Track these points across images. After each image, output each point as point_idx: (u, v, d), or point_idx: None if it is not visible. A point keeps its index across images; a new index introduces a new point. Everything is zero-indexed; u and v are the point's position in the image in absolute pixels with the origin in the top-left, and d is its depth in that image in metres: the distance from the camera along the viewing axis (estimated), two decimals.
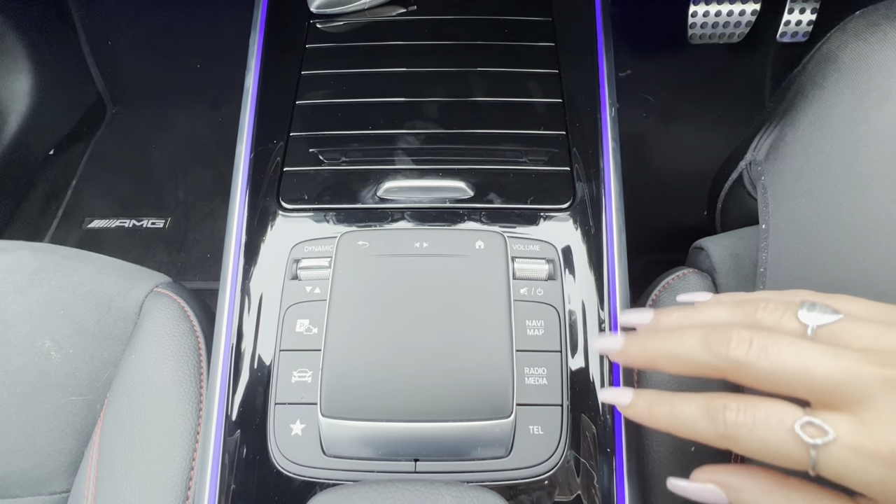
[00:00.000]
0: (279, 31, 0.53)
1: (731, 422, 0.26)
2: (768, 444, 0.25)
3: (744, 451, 0.26)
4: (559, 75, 0.49)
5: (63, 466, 0.45)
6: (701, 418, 0.27)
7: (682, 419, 0.27)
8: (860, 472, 0.23)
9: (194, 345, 0.46)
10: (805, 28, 0.84)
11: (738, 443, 0.26)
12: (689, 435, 0.28)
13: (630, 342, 0.30)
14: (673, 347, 0.28)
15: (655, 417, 0.29)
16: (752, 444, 0.25)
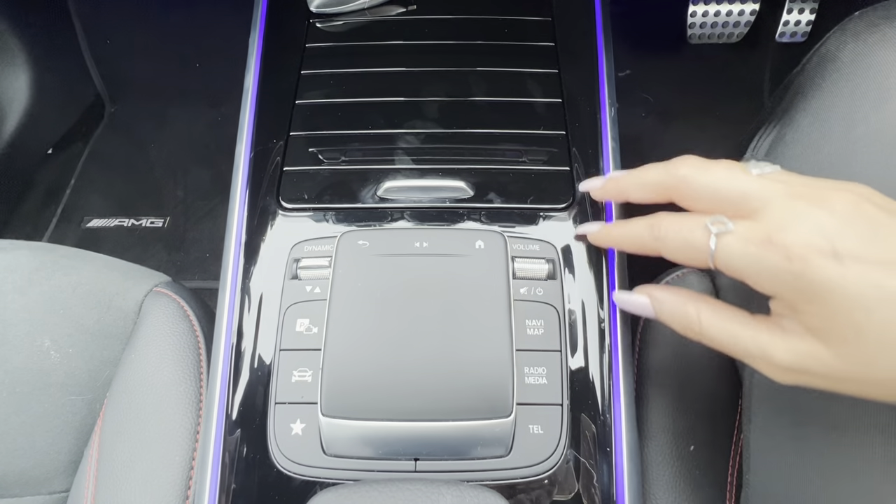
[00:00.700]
0: (279, 31, 0.53)
1: (664, 228, 0.32)
2: (686, 240, 0.30)
3: (669, 251, 0.32)
4: (559, 75, 0.49)
5: (62, 466, 0.45)
6: (643, 230, 0.33)
7: (630, 232, 0.34)
8: (747, 260, 0.28)
9: (194, 344, 0.46)
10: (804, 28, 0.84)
11: (665, 243, 0.32)
12: (635, 244, 0.34)
13: (607, 188, 0.38)
14: (638, 176, 0.35)
15: (612, 236, 0.37)
16: (675, 242, 0.31)
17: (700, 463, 0.40)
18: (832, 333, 0.26)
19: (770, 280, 0.28)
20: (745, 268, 0.29)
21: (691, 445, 0.41)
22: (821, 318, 0.27)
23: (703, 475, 0.40)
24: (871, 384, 0.27)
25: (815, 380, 0.28)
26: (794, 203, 0.28)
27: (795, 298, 0.27)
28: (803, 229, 0.27)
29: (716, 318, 0.31)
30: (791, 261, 0.27)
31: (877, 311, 0.25)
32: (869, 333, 0.25)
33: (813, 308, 0.27)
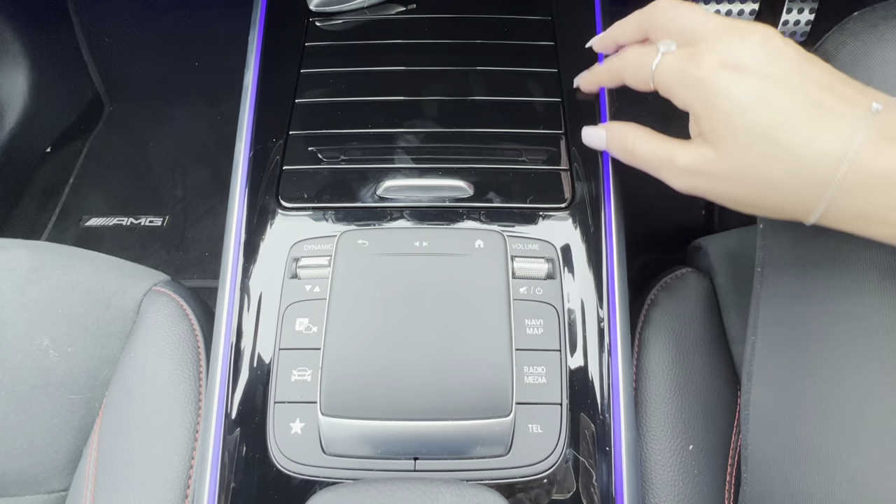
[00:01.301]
0: (278, 30, 0.53)
1: (627, 53, 0.38)
2: (639, 60, 0.36)
3: (627, 71, 0.38)
4: (559, 74, 0.49)
5: (61, 465, 0.45)
6: (614, 61, 0.40)
7: (606, 67, 0.41)
8: (674, 73, 0.34)
9: (193, 343, 0.46)
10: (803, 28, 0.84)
11: (625, 65, 0.38)
12: (610, 75, 0.41)
13: (603, 37, 0.43)
14: (623, 20, 0.41)
15: (595, 73, 0.44)
16: (631, 61, 0.37)
17: (699, 462, 0.41)
18: (715, 132, 0.32)
19: (685, 90, 0.34)
20: (672, 81, 0.34)
21: (690, 444, 0.41)
22: (710, 120, 0.32)
23: (702, 474, 0.40)
24: (741, 179, 0.32)
25: (704, 180, 0.34)
26: (723, 33, 0.33)
27: (698, 105, 0.33)
28: (719, 48, 0.32)
29: (644, 140, 0.38)
30: (700, 68, 0.32)
31: (750, 111, 0.31)
32: (741, 129, 0.31)
33: (707, 112, 0.32)
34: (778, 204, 0.33)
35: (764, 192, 0.32)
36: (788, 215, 0.33)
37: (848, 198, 0.30)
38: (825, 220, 0.32)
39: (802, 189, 0.31)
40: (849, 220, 0.31)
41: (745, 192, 0.33)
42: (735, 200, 0.34)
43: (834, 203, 0.30)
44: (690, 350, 0.44)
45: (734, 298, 0.47)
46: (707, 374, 0.44)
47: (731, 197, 0.34)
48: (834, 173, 0.29)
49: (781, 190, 0.31)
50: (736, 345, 0.46)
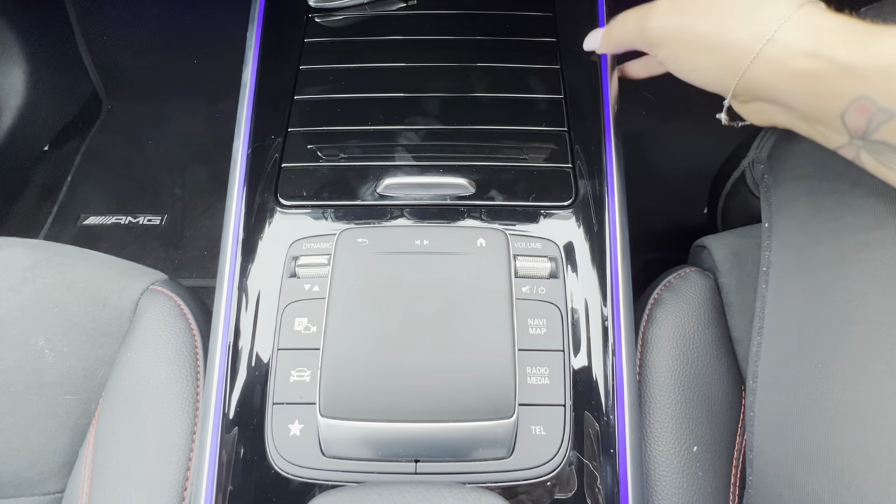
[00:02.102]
0: (277, 26, 0.52)
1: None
2: (625, 20, 0.41)
3: (617, 31, 0.42)
4: (560, 71, 0.48)
5: (57, 466, 0.45)
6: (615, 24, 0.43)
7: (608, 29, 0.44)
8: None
9: (191, 343, 0.45)
10: None
11: (622, 36, 0.42)
12: (616, 36, 0.43)
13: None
14: None
15: (604, 35, 0.45)
16: (624, 22, 0.41)
17: (703, 463, 0.40)
18: None
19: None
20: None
21: (694, 446, 0.40)
22: None
23: (706, 476, 0.40)
24: (697, 14, 0.36)
25: (672, 16, 0.37)
26: None
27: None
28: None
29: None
30: None
31: None
32: None
33: None
34: (707, 63, 0.36)
35: (702, 42, 0.35)
36: (716, 83, 0.37)
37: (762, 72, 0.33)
38: (739, 92, 0.35)
39: (728, 54, 0.34)
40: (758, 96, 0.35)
41: (700, 32, 0.35)
42: (691, 42, 0.36)
43: (748, 74, 0.34)
44: (694, 350, 0.44)
45: (738, 298, 0.46)
46: (711, 375, 0.43)
47: (690, 38, 0.36)
48: (753, 48, 0.33)
49: (717, 51, 0.35)
50: (740, 345, 0.45)
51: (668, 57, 0.38)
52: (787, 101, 0.34)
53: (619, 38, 0.42)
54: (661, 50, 0.38)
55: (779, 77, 0.33)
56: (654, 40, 0.38)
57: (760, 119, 0.38)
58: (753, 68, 0.33)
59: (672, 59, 0.38)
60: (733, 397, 0.44)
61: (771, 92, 0.34)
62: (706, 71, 0.36)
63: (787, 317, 0.39)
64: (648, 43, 0.39)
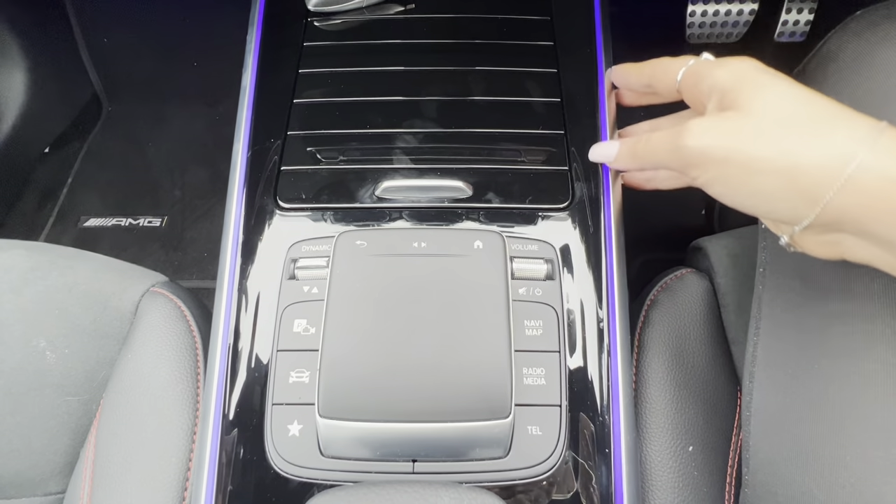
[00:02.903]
0: (276, 30, 0.52)
1: (654, 66, 0.40)
2: (665, 66, 0.39)
3: (657, 80, 0.40)
4: (558, 74, 0.49)
5: (58, 467, 0.45)
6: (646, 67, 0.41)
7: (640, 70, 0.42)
8: (714, 66, 0.35)
9: (191, 344, 0.46)
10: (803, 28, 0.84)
11: (654, 73, 0.40)
12: (638, 76, 0.43)
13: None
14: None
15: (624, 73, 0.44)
16: (658, 69, 0.39)
17: (699, 463, 0.40)
18: (743, 93, 0.33)
19: (718, 72, 0.34)
20: (704, 70, 0.36)
21: (690, 446, 0.40)
22: (742, 88, 0.33)
23: (702, 475, 0.40)
24: (760, 136, 0.31)
25: (720, 136, 0.32)
26: None
27: (729, 80, 0.34)
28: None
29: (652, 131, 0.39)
30: (739, 59, 0.34)
31: (786, 94, 0.32)
32: (772, 97, 0.32)
33: (740, 84, 0.33)
34: (775, 190, 0.31)
35: (771, 166, 0.31)
36: (783, 211, 0.32)
37: (846, 201, 0.29)
38: (813, 227, 0.31)
39: (803, 182, 0.30)
40: (841, 228, 0.31)
41: (759, 155, 0.31)
42: (746, 164, 0.31)
43: (833, 204, 0.29)
44: (691, 351, 0.44)
45: (734, 299, 0.46)
46: (707, 375, 0.44)
47: (745, 159, 0.31)
48: (838, 175, 0.29)
49: (785, 176, 0.30)
50: (736, 345, 0.46)
51: (712, 180, 0.33)
52: (885, 234, 0.29)
53: (644, 156, 0.37)
54: (704, 172, 0.33)
55: (876, 209, 0.28)
56: (693, 161, 0.33)
57: (833, 252, 0.33)
58: (841, 198, 0.29)
59: (718, 184, 0.33)
60: (729, 397, 0.44)
61: (861, 225, 0.29)
62: (769, 198, 0.31)
63: (783, 317, 0.40)
64: (685, 164, 0.34)
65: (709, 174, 0.33)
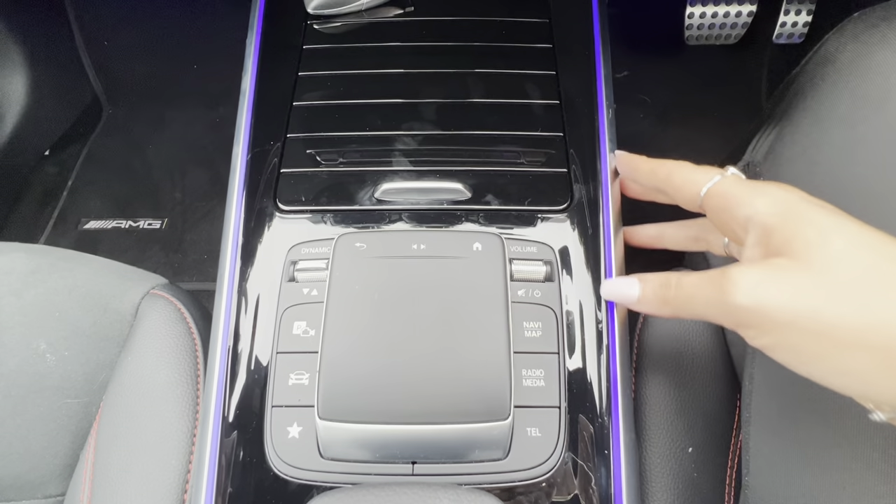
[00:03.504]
0: (276, 32, 0.53)
1: (672, 171, 0.36)
2: (686, 176, 0.35)
3: (674, 189, 0.36)
4: (556, 77, 0.49)
5: (58, 469, 0.45)
6: (661, 168, 0.38)
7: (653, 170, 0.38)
8: (746, 189, 0.31)
9: (191, 347, 0.46)
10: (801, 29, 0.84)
11: (671, 180, 0.36)
12: (649, 174, 0.39)
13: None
14: None
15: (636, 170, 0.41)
16: (677, 176, 0.35)
17: (698, 464, 0.40)
18: (797, 239, 0.28)
19: (753, 199, 0.31)
20: (735, 192, 0.32)
21: (689, 447, 0.40)
22: (793, 229, 0.28)
23: (702, 477, 0.40)
24: (828, 290, 0.26)
25: (777, 292, 0.27)
26: None
27: (772, 216, 0.29)
28: None
29: (685, 275, 0.33)
30: (778, 186, 0.30)
31: (849, 233, 0.27)
32: (837, 243, 0.27)
33: (788, 223, 0.29)
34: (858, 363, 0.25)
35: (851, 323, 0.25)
36: (884, 393, 0.26)
37: None
38: None
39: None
40: None
41: (842, 324, 0.25)
42: (824, 334, 0.26)
43: None
44: (689, 352, 0.44)
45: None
46: (706, 376, 0.44)
47: (821, 328, 0.26)
48: None
49: (883, 353, 0.24)
50: (735, 347, 0.46)
51: (775, 346, 0.27)
52: None
53: (679, 305, 0.32)
54: (762, 335, 0.27)
55: None
56: (747, 321, 0.28)
57: None
58: None
59: (785, 351, 0.27)
60: (728, 398, 0.44)
61: None
62: (862, 378, 0.26)
63: None
64: (736, 323, 0.29)
65: (770, 339, 0.27)
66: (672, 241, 0.42)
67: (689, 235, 0.42)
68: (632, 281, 0.35)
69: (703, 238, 0.42)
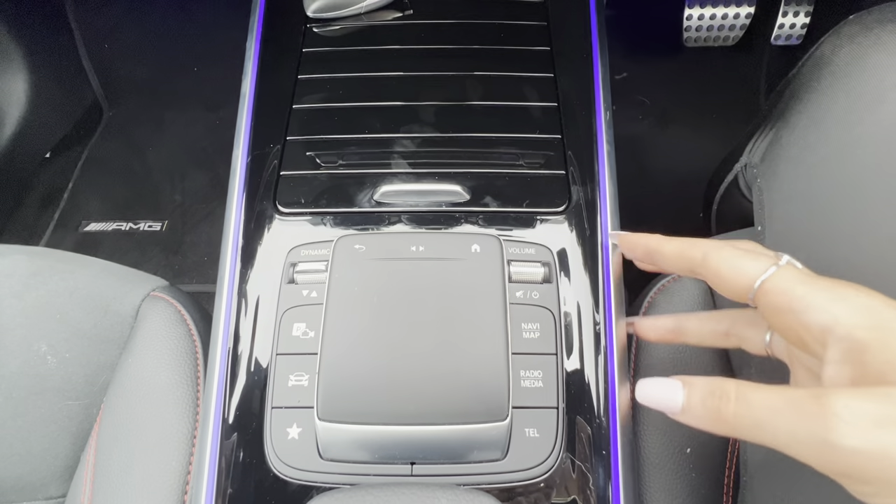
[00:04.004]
0: (276, 36, 0.53)
1: (709, 257, 0.31)
2: (737, 260, 0.29)
3: (708, 271, 0.30)
4: (554, 79, 0.49)
5: (59, 471, 0.45)
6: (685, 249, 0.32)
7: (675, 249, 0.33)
8: (813, 290, 0.26)
9: (191, 348, 0.46)
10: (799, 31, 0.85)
11: (706, 267, 0.31)
12: (670, 257, 0.34)
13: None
14: None
15: (659, 249, 0.34)
16: (714, 261, 0.30)
17: (696, 465, 0.40)
18: None
19: (830, 304, 0.25)
20: (799, 291, 0.26)
21: (687, 448, 0.41)
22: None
23: (700, 477, 0.40)
24: None
25: None
26: None
27: (862, 325, 0.24)
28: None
29: (754, 390, 0.26)
30: (854, 288, 0.26)
31: None
32: None
33: (883, 335, 0.24)
34: None
35: None
36: None
37: None
38: None
39: None
40: None
41: None
42: None
43: None
44: (688, 353, 0.44)
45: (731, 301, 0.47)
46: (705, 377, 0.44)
47: None
48: None
49: None
50: None
51: None
52: None
53: (741, 426, 0.25)
54: (881, 495, 0.22)
55: None
56: (863, 473, 0.22)
57: None
58: None
59: None
60: None
61: None
62: None
63: None
64: (843, 472, 0.23)
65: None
66: (695, 336, 0.36)
67: (717, 331, 0.35)
68: (674, 385, 0.28)
69: (736, 334, 0.34)
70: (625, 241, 0.37)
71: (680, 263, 0.32)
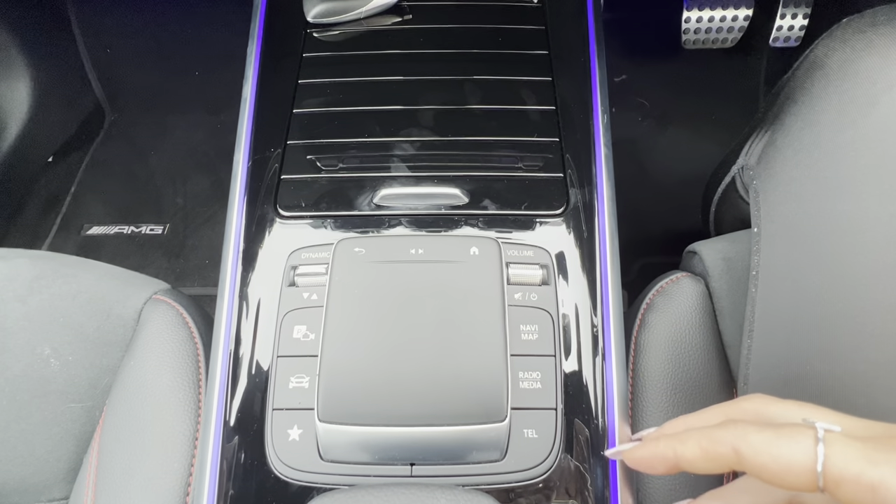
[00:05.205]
0: (276, 41, 0.53)
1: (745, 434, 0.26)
2: (774, 442, 0.25)
3: (767, 475, 0.25)
4: (552, 83, 0.49)
5: (62, 473, 0.46)
6: (717, 439, 0.27)
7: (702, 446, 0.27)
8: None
9: (193, 351, 0.46)
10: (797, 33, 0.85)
11: (747, 466, 0.25)
12: (696, 458, 0.27)
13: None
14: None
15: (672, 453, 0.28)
16: (762, 460, 0.25)
17: None
18: None
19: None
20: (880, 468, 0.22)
21: None
22: None
23: (698, 478, 0.41)
24: None
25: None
26: None
27: None
28: None
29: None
30: None
31: None
32: None
33: None
34: None
35: None
36: None
37: None
38: None
39: None
40: None
41: None
42: None
43: None
44: (686, 354, 0.45)
45: (729, 303, 0.47)
46: (702, 378, 0.44)
47: None
48: None
49: None
50: (731, 349, 0.46)
51: None
52: None
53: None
54: None
55: None
56: None
57: None
58: None
59: None
60: (724, 400, 0.44)
61: None
62: None
63: (775, 320, 0.40)
64: None
65: None
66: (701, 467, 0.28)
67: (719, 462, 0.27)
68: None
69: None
70: (636, 460, 0.30)
71: (713, 466, 0.26)
